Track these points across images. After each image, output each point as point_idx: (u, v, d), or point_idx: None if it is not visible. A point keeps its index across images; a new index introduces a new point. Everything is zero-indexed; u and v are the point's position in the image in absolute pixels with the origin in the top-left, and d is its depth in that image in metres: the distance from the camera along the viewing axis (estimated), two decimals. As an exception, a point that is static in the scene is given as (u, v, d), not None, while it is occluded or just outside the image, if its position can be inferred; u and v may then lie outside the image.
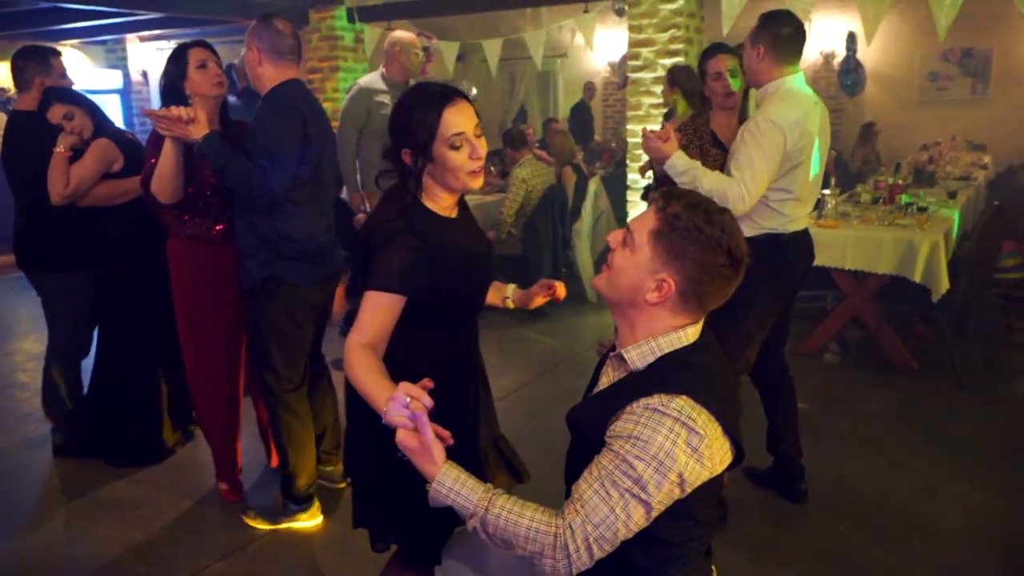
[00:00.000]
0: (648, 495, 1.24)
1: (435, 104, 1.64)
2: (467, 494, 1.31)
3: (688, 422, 1.26)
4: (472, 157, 1.66)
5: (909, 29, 8.56)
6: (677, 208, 1.32)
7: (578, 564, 1.26)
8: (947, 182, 6.21)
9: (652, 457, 1.24)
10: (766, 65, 2.66)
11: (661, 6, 5.27)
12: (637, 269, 1.34)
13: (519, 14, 9.39)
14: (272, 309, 2.65)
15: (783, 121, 2.57)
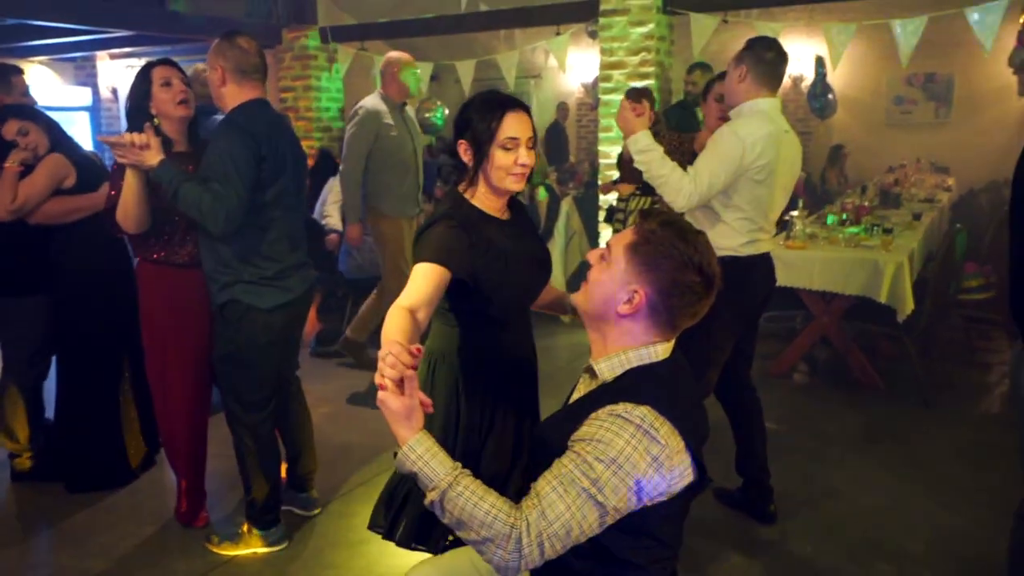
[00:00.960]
0: (604, 497, 1.25)
1: (499, 107, 1.80)
2: (435, 466, 1.29)
3: (650, 430, 1.28)
4: (517, 162, 1.80)
5: (875, 54, 8.73)
6: (653, 224, 1.39)
7: (527, 560, 1.25)
8: (912, 204, 6.33)
9: (612, 460, 1.26)
10: (746, 86, 2.74)
11: (632, 29, 5.33)
12: (611, 281, 1.40)
13: (493, 35, 9.45)
14: (233, 334, 2.61)
15: (746, 135, 2.63)
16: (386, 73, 4.35)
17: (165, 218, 2.64)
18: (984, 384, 4.61)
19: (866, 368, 4.42)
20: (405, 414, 1.27)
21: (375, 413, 4.13)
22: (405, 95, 4.38)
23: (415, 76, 4.40)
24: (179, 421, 2.86)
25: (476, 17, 6.68)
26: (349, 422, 3.97)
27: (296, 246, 2.71)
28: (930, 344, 4.72)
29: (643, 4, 5.27)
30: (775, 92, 2.77)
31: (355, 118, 4.33)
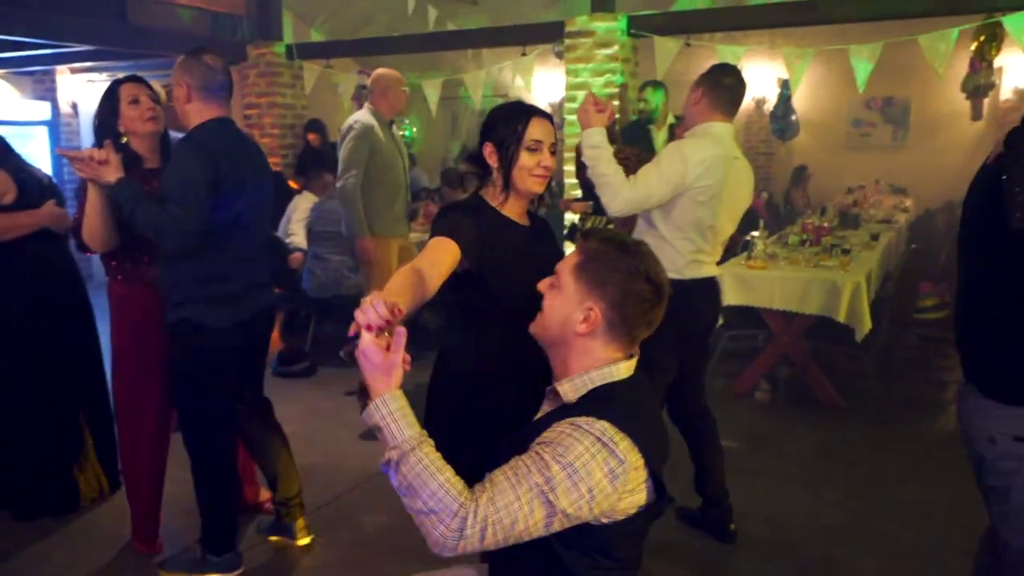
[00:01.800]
0: (555, 497, 1.25)
1: (525, 113, 1.92)
2: (403, 426, 1.27)
3: (609, 443, 1.30)
4: (540, 164, 1.90)
5: (835, 78, 8.92)
6: (594, 243, 1.45)
7: (466, 541, 1.23)
8: (871, 224, 6.46)
9: (569, 463, 1.27)
10: (700, 108, 2.79)
11: (597, 51, 5.40)
12: (564, 304, 1.43)
13: (461, 54, 9.49)
14: (185, 353, 2.58)
15: (691, 154, 2.68)
16: (376, 89, 4.30)
17: (134, 235, 2.61)
18: (941, 402, 4.70)
19: (825, 387, 4.48)
20: (385, 368, 1.26)
21: (338, 434, 4.12)
22: (395, 112, 4.34)
23: (405, 94, 4.39)
24: (145, 444, 2.80)
25: (443, 36, 6.72)
26: (311, 443, 3.91)
27: (255, 265, 2.67)
28: (888, 363, 4.81)
29: (608, 27, 5.34)
30: (729, 117, 2.81)
31: (351, 132, 4.24)
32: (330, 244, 5.14)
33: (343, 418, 4.38)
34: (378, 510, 3.30)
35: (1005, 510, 1.73)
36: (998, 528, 1.77)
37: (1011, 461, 1.68)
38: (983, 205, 1.69)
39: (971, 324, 1.80)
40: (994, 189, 1.61)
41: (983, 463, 1.76)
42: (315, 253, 5.20)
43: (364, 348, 1.25)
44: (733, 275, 4.44)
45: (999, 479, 1.72)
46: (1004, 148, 1.64)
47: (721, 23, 5.49)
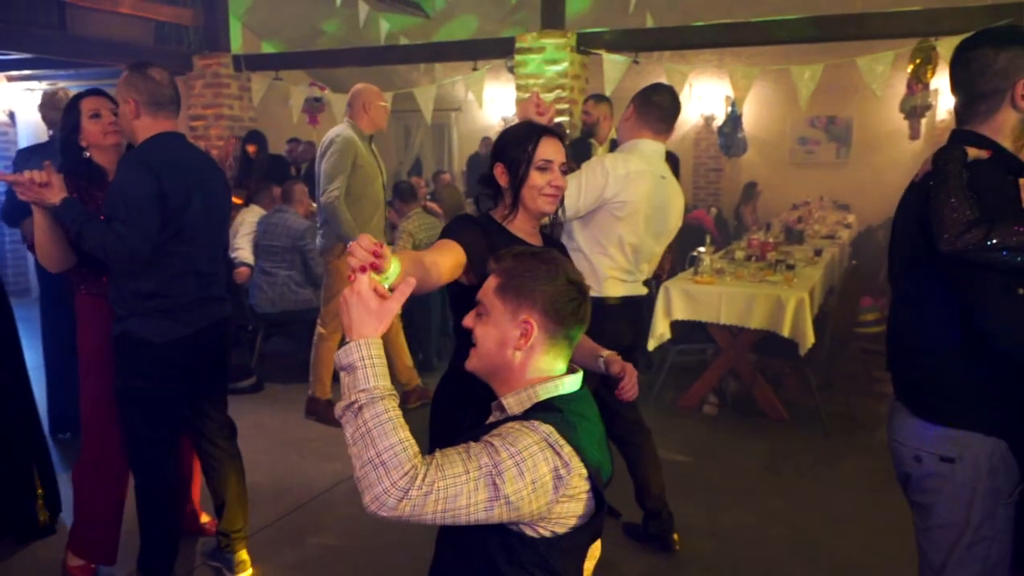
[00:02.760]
0: (502, 482, 1.25)
1: (536, 132, 1.95)
2: (379, 373, 1.26)
3: (555, 445, 1.32)
4: (551, 183, 1.93)
5: (781, 97, 9.16)
6: (507, 262, 1.47)
7: (409, 502, 1.20)
8: (815, 240, 6.61)
9: (517, 451, 1.28)
10: (631, 124, 2.83)
11: (547, 67, 5.43)
12: (498, 326, 1.44)
13: (413, 68, 9.49)
14: (127, 368, 2.52)
15: (613, 168, 2.70)
16: (357, 104, 4.27)
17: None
18: (882, 414, 4.80)
19: (771, 400, 4.55)
20: (378, 314, 1.27)
21: (284, 453, 4.04)
22: (375, 127, 4.31)
23: (386, 109, 4.36)
24: (112, 461, 2.70)
25: (394, 50, 6.70)
26: (254, 462, 3.80)
27: (206, 280, 2.62)
28: (831, 376, 4.90)
29: (557, 43, 5.38)
30: (660, 136, 2.84)
31: (332, 146, 4.18)
32: (277, 258, 5.06)
33: (289, 436, 4.29)
34: (323, 531, 3.24)
35: (928, 525, 1.77)
36: (920, 542, 1.81)
37: (936, 480, 1.72)
38: (912, 225, 1.73)
39: (902, 344, 1.83)
40: (923, 209, 1.64)
41: (909, 480, 1.79)
42: (262, 268, 5.10)
43: (361, 290, 1.27)
44: (681, 290, 4.49)
45: (924, 496, 1.76)
46: (931, 167, 1.68)
47: (669, 42, 5.58)
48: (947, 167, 1.62)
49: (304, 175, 7.89)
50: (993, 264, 1.53)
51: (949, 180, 1.59)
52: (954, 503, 1.69)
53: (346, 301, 1.27)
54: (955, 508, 1.69)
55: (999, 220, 1.51)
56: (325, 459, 3.96)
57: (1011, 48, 1.67)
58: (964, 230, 1.53)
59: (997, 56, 1.67)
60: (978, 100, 1.72)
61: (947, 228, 1.55)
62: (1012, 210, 1.60)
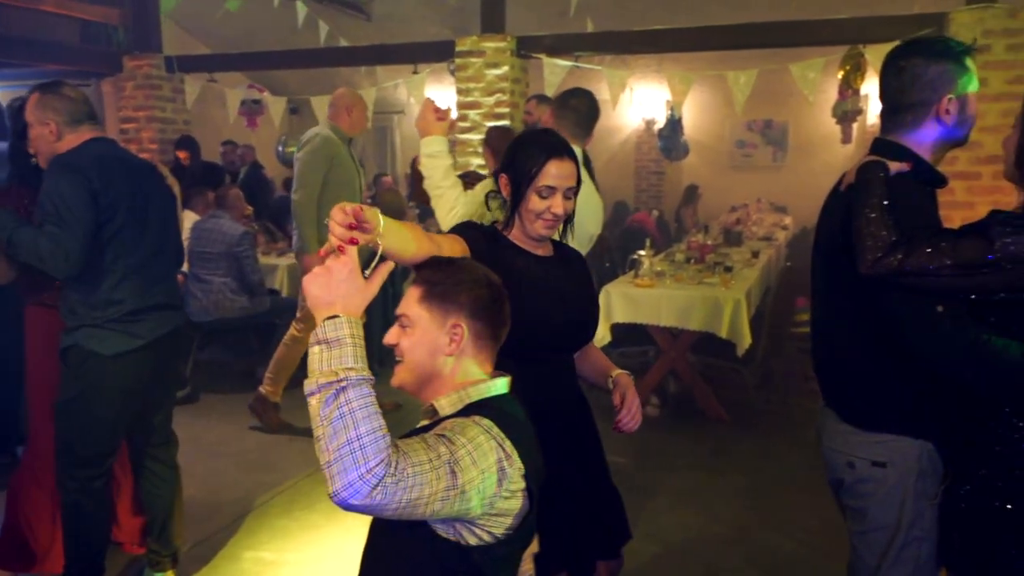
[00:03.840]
0: (460, 470, 1.24)
1: (544, 152, 1.82)
2: (359, 355, 1.21)
3: (497, 437, 1.32)
4: (550, 210, 1.82)
5: (719, 102, 9.33)
6: (428, 270, 1.47)
7: (380, 492, 1.15)
8: (753, 242, 6.74)
9: (468, 441, 1.28)
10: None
11: (487, 71, 5.42)
12: (426, 335, 1.43)
13: (355, 71, 9.37)
14: (73, 380, 2.44)
15: None
16: (340, 105, 4.24)
17: None
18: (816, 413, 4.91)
19: (711, 400, 4.61)
20: (363, 291, 1.26)
21: (219, 466, 3.93)
22: (356, 130, 4.28)
23: (367, 114, 4.33)
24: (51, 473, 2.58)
25: (333, 52, 6.60)
26: (189, 475, 3.66)
27: (150, 286, 2.54)
28: (768, 376, 5.00)
29: (497, 47, 5.37)
30: (577, 140, 2.75)
31: (308, 145, 4.12)
32: (212, 265, 4.92)
33: (225, 448, 4.18)
34: (259, 545, 3.15)
35: (862, 529, 1.79)
36: (854, 544, 1.83)
37: (869, 484, 1.74)
38: (834, 235, 1.75)
39: (827, 352, 1.85)
40: (845, 221, 1.65)
41: (842, 485, 1.82)
42: (196, 275, 4.96)
43: (343, 259, 1.24)
44: (621, 293, 4.52)
45: (858, 500, 1.78)
46: (855, 179, 1.69)
47: (608, 46, 5.63)
48: (869, 184, 1.63)
49: (244, 179, 7.74)
50: (911, 286, 1.55)
51: (870, 198, 1.60)
52: (887, 506, 1.72)
53: (331, 273, 1.23)
54: (888, 511, 1.72)
55: (916, 241, 1.52)
56: (262, 470, 3.86)
57: (942, 62, 1.69)
58: (883, 254, 1.53)
59: (927, 68, 1.69)
60: (905, 110, 1.74)
61: (867, 251, 1.56)
62: (931, 225, 1.64)
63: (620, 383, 1.95)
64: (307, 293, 1.25)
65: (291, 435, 4.31)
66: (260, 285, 5.04)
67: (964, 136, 1.77)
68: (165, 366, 2.64)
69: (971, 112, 1.73)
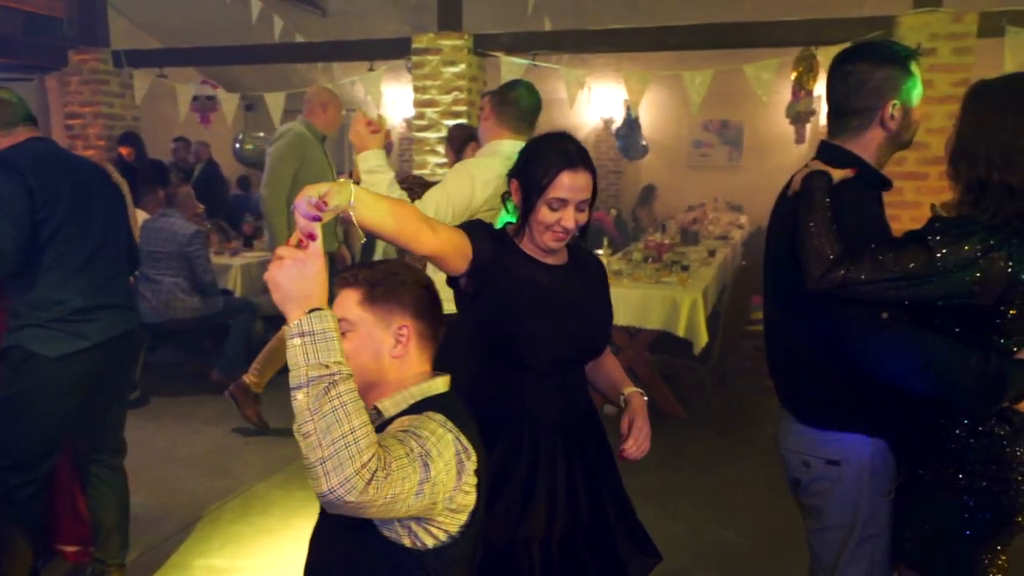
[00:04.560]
0: (431, 461, 1.23)
1: (558, 162, 1.70)
2: (339, 348, 1.17)
3: (453, 431, 1.31)
4: (560, 223, 1.71)
5: (676, 102, 9.41)
6: (366, 272, 1.44)
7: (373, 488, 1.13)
8: (709, 241, 6.81)
9: (431, 434, 1.27)
10: (489, 124, 2.72)
11: (444, 69, 5.38)
12: (370, 338, 1.40)
13: (311, 67, 9.24)
14: (12, 380, 2.37)
15: (478, 173, 2.56)
16: (316, 103, 4.20)
17: None
18: (773, 411, 4.98)
19: (669, 399, 4.64)
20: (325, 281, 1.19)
21: (169, 471, 3.83)
22: (331, 128, 4.22)
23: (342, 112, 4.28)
24: None
25: (287, 48, 6.49)
26: (138, 480, 3.56)
27: (98, 285, 2.47)
28: (726, 374, 5.05)
29: (454, 45, 5.34)
30: (519, 134, 2.68)
31: (280, 140, 4.08)
32: (162, 265, 4.80)
33: (176, 452, 4.08)
34: (210, 552, 3.08)
35: (819, 527, 1.81)
36: (811, 543, 1.86)
37: (825, 483, 1.77)
38: (782, 241, 1.76)
39: (781, 353, 1.87)
40: (791, 227, 1.68)
41: (799, 484, 1.84)
42: (145, 275, 4.83)
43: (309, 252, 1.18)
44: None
45: (814, 499, 1.81)
46: (800, 188, 1.71)
47: (566, 45, 5.63)
48: (812, 196, 1.65)
49: (199, 177, 7.58)
50: (856, 299, 1.58)
51: (814, 211, 1.62)
52: (843, 504, 1.74)
53: (304, 264, 1.17)
54: (844, 509, 1.74)
55: (859, 256, 1.55)
56: (214, 475, 3.77)
57: (887, 67, 1.71)
58: (828, 269, 1.57)
59: (873, 74, 1.71)
60: (850, 115, 1.76)
61: (812, 266, 1.59)
62: (877, 230, 1.67)
63: (631, 405, 1.87)
64: (276, 284, 1.18)
65: (245, 437, 4.22)
66: (212, 285, 4.93)
67: (909, 139, 1.80)
68: (116, 369, 2.57)
69: (916, 116, 1.76)
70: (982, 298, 1.53)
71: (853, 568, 1.77)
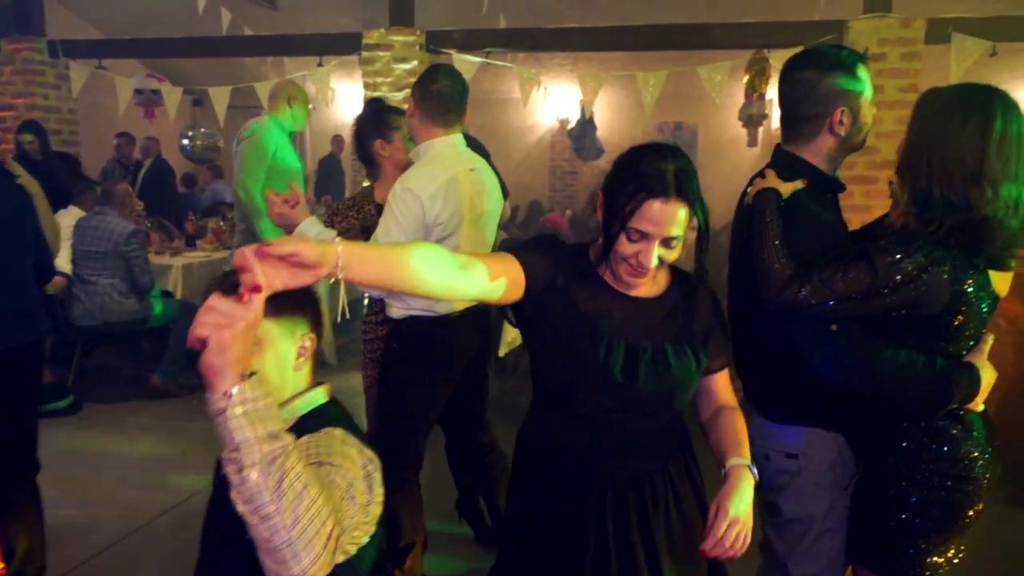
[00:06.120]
0: (356, 492, 1.20)
1: (646, 189, 1.43)
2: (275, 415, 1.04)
3: (356, 444, 1.27)
4: (638, 255, 1.44)
5: (632, 102, 9.39)
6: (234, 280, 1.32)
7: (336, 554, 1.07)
8: (663, 242, 6.79)
9: (342, 455, 1.21)
10: (417, 122, 2.48)
11: (395, 65, 5.27)
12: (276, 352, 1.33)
13: (261, 62, 9.02)
14: None
15: (421, 190, 2.35)
16: (280, 96, 4.07)
17: None
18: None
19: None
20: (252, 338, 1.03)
21: (101, 482, 3.66)
22: (298, 122, 4.13)
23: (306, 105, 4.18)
24: None
25: (234, 41, 6.29)
26: (67, 492, 3.42)
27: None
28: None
29: (406, 41, 5.23)
30: (450, 129, 2.48)
31: (250, 136, 3.92)
32: (97, 265, 4.59)
33: (108, 461, 3.90)
34: (141, 570, 2.93)
35: (776, 521, 1.85)
36: (767, 535, 1.89)
37: (783, 476, 1.80)
38: (740, 248, 1.79)
39: (743, 349, 1.89)
40: (747, 240, 1.72)
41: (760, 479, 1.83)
42: (80, 276, 4.62)
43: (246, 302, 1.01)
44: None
45: (772, 493, 1.83)
46: (752, 204, 1.75)
47: (519, 43, 5.55)
48: (764, 215, 1.69)
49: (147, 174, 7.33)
50: (810, 314, 1.63)
51: (766, 230, 1.67)
52: (801, 497, 1.78)
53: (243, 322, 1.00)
54: (802, 502, 1.78)
55: (810, 275, 1.60)
56: (148, 486, 3.61)
57: (835, 74, 1.74)
58: (780, 290, 1.61)
59: (821, 81, 1.74)
60: (801, 122, 1.79)
61: (765, 286, 1.64)
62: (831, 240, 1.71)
63: (727, 482, 1.49)
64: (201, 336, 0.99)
65: (184, 447, 4.05)
66: (151, 287, 4.74)
67: (861, 142, 1.83)
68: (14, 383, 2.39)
69: (865, 121, 1.78)
70: (928, 308, 1.59)
71: (808, 561, 1.80)
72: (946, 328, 1.62)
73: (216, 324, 0.99)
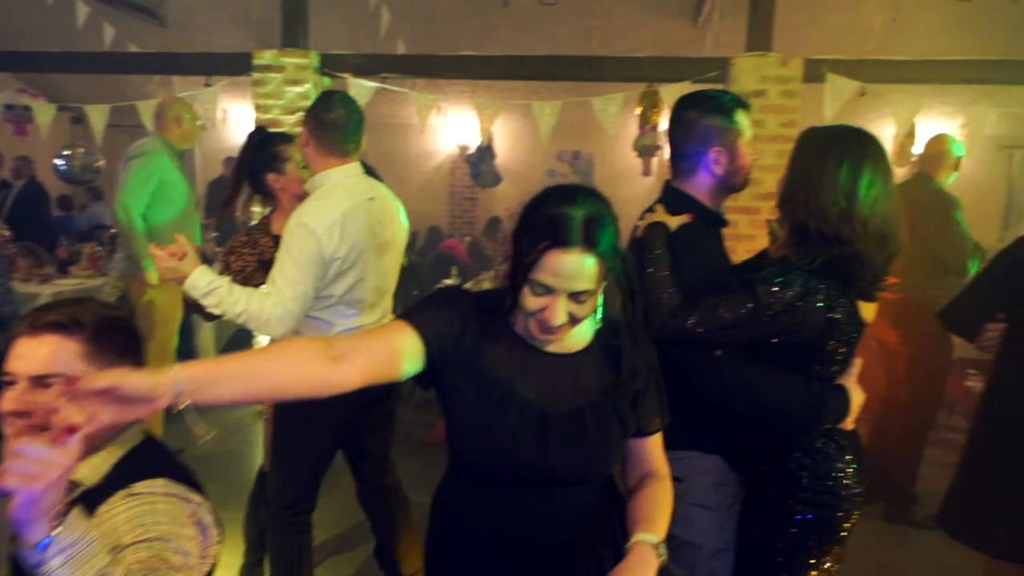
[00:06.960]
0: (190, 556, 1.10)
1: (550, 235, 1.28)
2: (99, 550, 0.93)
3: (179, 495, 1.18)
4: (544, 312, 1.29)
5: (530, 131, 9.51)
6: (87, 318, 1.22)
7: None
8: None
9: (168, 518, 1.11)
10: (312, 152, 2.41)
11: (287, 88, 5.13)
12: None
13: (148, 80, 8.66)
14: None
15: (317, 224, 2.28)
16: (168, 116, 3.93)
17: None
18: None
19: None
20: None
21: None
22: (188, 141, 4.01)
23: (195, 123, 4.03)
24: None
25: (114, 57, 5.98)
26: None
27: None
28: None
29: (299, 63, 5.11)
30: (347, 158, 2.42)
31: (137, 157, 3.76)
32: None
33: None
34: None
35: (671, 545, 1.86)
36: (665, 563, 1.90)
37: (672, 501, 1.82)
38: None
39: None
40: (639, 269, 1.77)
41: None
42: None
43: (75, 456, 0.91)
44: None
45: None
46: (643, 237, 1.83)
47: (416, 69, 5.52)
48: (653, 248, 1.79)
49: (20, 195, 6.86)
50: (697, 341, 1.72)
51: (655, 263, 1.76)
52: (689, 521, 1.82)
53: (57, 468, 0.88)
54: (690, 525, 1.83)
55: (695, 306, 1.70)
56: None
57: (712, 117, 1.84)
58: (667, 320, 1.70)
59: (699, 121, 1.85)
60: (682, 159, 1.91)
61: (653, 316, 1.71)
62: (716, 270, 1.84)
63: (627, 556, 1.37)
64: (8, 488, 0.88)
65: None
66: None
67: (741, 184, 1.93)
68: None
69: (743, 163, 1.88)
70: (804, 335, 1.68)
71: None
72: (820, 353, 1.72)
73: (26, 475, 0.87)
